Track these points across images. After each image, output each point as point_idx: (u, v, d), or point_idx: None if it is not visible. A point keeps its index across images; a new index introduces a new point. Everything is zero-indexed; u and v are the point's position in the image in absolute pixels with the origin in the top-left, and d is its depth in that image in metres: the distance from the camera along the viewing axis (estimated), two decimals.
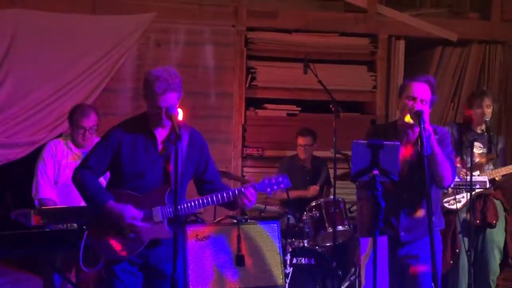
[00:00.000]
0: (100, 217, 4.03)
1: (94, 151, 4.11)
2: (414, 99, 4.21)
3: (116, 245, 4.00)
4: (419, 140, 3.97)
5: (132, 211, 3.96)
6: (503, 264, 5.91)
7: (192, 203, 4.07)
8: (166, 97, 3.94)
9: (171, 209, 4.00)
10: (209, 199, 4.10)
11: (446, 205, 5.61)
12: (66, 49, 6.33)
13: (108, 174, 4.24)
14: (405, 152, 4.24)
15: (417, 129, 4.12)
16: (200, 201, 4.10)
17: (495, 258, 5.76)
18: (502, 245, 5.80)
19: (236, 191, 4.10)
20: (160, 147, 4.04)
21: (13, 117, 6.11)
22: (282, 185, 4.20)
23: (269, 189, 4.18)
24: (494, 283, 5.79)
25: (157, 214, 3.98)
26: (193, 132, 4.19)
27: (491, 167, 5.71)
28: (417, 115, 4.06)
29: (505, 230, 5.81)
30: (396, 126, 4.45)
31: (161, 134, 4.05)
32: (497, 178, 5.69)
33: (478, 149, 5.71)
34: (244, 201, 4.09)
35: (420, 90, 4.24)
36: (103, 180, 4.36)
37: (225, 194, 4.10)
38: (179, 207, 3.98)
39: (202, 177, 4.23)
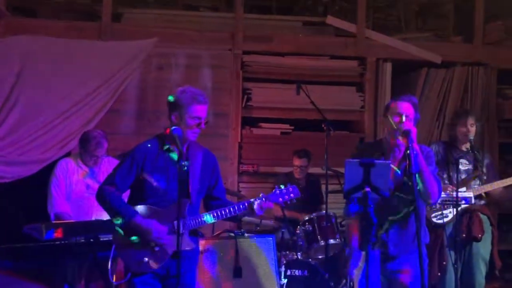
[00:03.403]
0: (126, 232, 4.12)
1: (119, 169, 4.19)
2: (400, 115, 4.29)
3: (142, 257, 4.09)
4: (407, 158, 4.00)
5: (159, 227, 4.07)
6: (489, 276, 5.96)
7: (215, 213, 4.21)
8: (204, 107, 4.16)
9: (191, 222, 4.13)
10: (227, 210, 4.23)
11: (434, 219, 5.66)
12: (74, 73, 6.40)
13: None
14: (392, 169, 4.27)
15: (403, 147, 4.18)
16: (219, 212, 4.22)
17: (481, 270, 5.79)
18: (488, 257, 5.84)
19: (252, 202, 4.24)
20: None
21: (25, 137, 6.15)
22: (292, 195, 4.33)
23: (281, 199, 4.31)
24: None
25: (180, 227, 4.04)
26: (206, 152, 4.37)
27: (478, 182, 5.79)
28: (406, 134, 4.10)
29: (492, 244, 5.87)
30: (382, 144, 4.51)
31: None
32: (483, 194, 5.79)
33: (463, 165, 5.78)
34: (262, 205, 4.23)
35: (405, 107, 4.34)
36: None
37: (241, 205, 4.24)
38: (199, 219, 4.16)
39: (211, 193, 4.37)
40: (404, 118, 4.26)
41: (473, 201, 5.56)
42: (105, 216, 4.57)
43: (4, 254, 4.90)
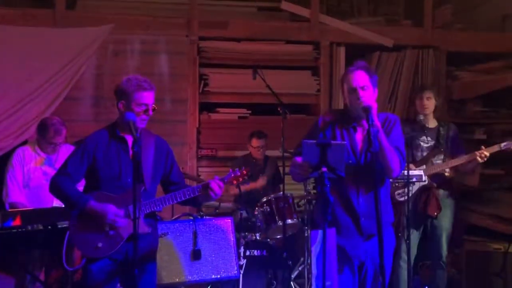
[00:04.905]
0: (80, 218, 4.08)
1: (71, 158, 4.15)
2: (354, 90, 4.05)
3: (97, 242, 4.05)
4: (367, 137, 3.84)
5: (114, 209, 4.04)
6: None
7: (166, 199, 4.20)
8: (150, 93, 4.12)
9: (146, 206, 4.11)
10: (181, 193, 4.22)
11: (397, 197, 5.74)
12: (29, 61, 6.26)
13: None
14: (363, 137, 4.13)
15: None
16: (173, 196, 4.22)
17: (444, 243, 5.94)
18: (450, 229, 5.98)
19: (205, 184, 4.23)
20: (131, 152, 4.11)
21: None
22: (246, 177, 4.41)
23: (235, 182, 4.38)
24: (444, 264, 6.01)
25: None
26: (158, 139, 4.36)
27: (442, 157, 5.85)
28: (365, 111, 3.90)
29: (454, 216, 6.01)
30: (348, 113, 4.22)
31: (131, 140, 4.09)
32: (446, 174, 5.83)
33: (426, 142, 5.87)
34: (214, 189, 4.20)
35: (357, 78, 4.08)
36: None
37: (195, 188, 4.23)
38: (153, 203, 4.14)
39: (168, 179, 4.36)
40: (360, 92, 4.05)
41: (423, 178, 5.58)
42: None
43: None
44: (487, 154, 5.60)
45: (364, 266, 4.19)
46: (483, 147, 5.65)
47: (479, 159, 5.61)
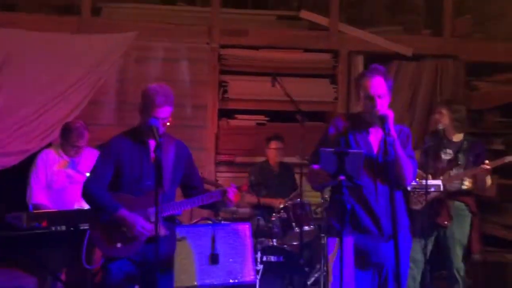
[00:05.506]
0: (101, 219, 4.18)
1: (98, 164, 4.27)
2: (371, 98, 4.03)
3: (116, 242, 4.16)
4: (383, 145, 3.84)
5: (142, 222, 4.14)
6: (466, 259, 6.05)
7: (184, 203, 4.32)
8: (164, 109, 4.16)
9: (164, 209, 4.19)
10: (199, 198, 4.33)
11: (413, 205, 5.78)
12: (54, 66, 6.40)
13: None
14: (379, 139, 4.10)
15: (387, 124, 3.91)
16: (191, 201, 4.33)
17: (457, 253, 5.87)
18: (464, 242, 5.90)
19: (222, 190, 4.35)
20: (152, 155, 4.18)
21: (6, 129, 6.18)
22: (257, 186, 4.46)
23: (245, 187, 4.51)
24: (461, 277, 5.90)
25: (152, 214, 4.10)
26: (179, 143, 4.44)
27: (461, 171, 5.82)
28: (382, 120, 3.88)
29: (470, 229, 5.93)
30: (362, 117, 4.19)
31: (153, 144, 4.21)
32: (465, 186, 5.83)
33: (447, 155, 5.88)
34: (230, 197, 4.33)
35: (375, 85, 4.04)
36: None
37: (212, 194, 4.34)
38: (171, 206, 4.24)
39: (188, 183, 4.46)
40: (377, 101, 4.02)
41: (441, 188, 5.62)
42: (86, 206, 4.59)
43: None
44: (489, 167, 5.64)
45: (385, 268, 4.18)
46: (486, 161, 5.68)
47: (482, 173, 5.66)
